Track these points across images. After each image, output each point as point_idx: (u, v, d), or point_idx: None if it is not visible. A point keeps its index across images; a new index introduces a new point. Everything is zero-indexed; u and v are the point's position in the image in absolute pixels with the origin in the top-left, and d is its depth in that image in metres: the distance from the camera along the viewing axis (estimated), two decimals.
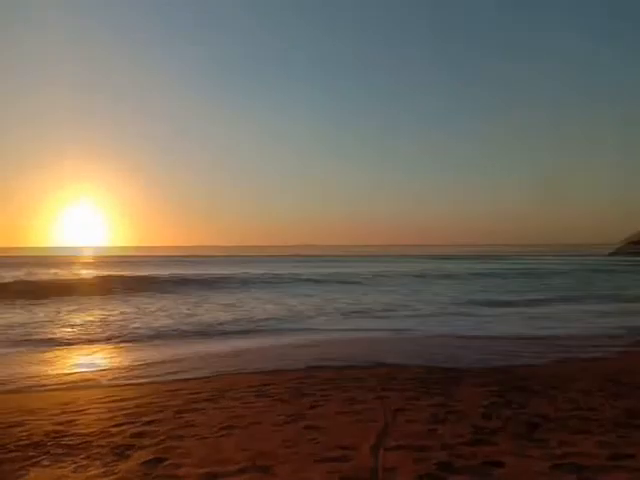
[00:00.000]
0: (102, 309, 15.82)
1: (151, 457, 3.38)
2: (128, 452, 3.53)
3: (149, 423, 4.35)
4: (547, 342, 9.56)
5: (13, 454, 3.58)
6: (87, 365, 8.75)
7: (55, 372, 7.74)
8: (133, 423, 4.37)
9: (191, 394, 5.64)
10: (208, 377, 6.95)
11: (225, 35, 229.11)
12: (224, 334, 11.29)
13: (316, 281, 27.37)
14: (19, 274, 30.13)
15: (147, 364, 8.13)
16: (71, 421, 4.57)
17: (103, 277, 26.35)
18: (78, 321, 13.36)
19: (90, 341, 10.64)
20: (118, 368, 8.11)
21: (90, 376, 7.51)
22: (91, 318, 13.87)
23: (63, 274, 31.74)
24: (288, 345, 9.68)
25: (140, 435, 3.96)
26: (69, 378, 7.31)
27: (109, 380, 7.23)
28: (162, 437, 3.88)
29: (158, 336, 11.07)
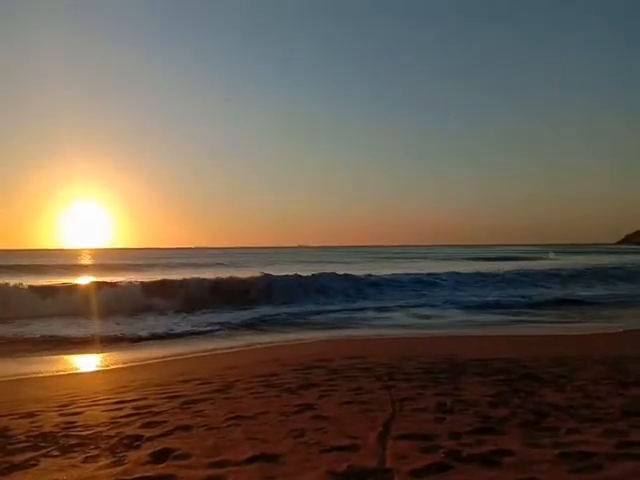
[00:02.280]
0: None
1: (160, 447, 3.40)
2: (137, 443, 3.56)
3: (158, 414, 4.38)
4: None
5: (23, 445, 3.62)
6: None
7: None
8: (142, 414, 4.40)
9: (200, 384, 5.68)
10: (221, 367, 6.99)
11: (226, 40, 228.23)
12: None
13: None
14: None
15: None
16: (80, 412, 4.61)
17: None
18: None
19: None
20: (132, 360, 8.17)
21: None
22: None
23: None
24: None
25: (149, 426, 3.99)
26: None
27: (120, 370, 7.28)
28: (171, 427, 3.90)
29: None
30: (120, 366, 8.20)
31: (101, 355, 9.41)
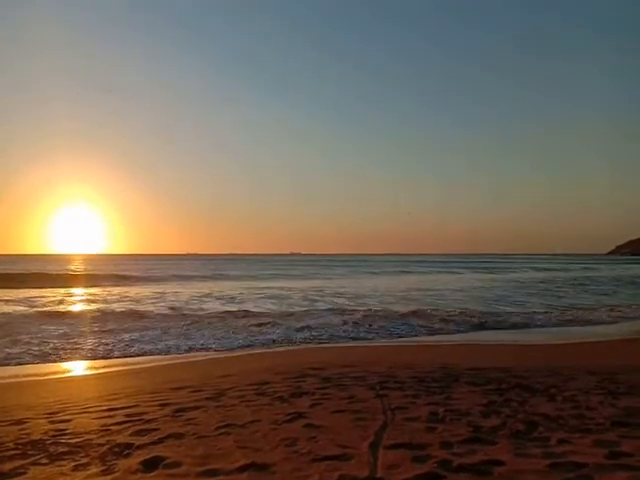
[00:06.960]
0: None
1: (151, 456, 3.38)
2: (128, 451, 3.53)
3: (149, 421, 4.35)
4: None
5: (12, 452, 3.58)
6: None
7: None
8: (133, 421, 4.37)
9: (192, 392, 5.65)
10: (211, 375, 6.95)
11: (227, 46, 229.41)
12: None
13: None
14: None
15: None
16: (70, 420, 4.57)
17: None
18: None
19: None
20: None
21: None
22: None
23: None
24: None
25: (140, 433, 3.96)
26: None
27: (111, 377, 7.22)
28: (162, 435, 3.88)
29: None
30: (112, 372, 8.14)
31: (92, 362, 9.33)
